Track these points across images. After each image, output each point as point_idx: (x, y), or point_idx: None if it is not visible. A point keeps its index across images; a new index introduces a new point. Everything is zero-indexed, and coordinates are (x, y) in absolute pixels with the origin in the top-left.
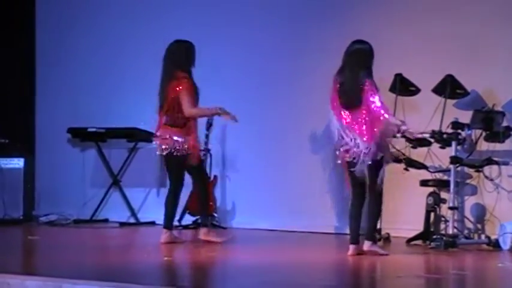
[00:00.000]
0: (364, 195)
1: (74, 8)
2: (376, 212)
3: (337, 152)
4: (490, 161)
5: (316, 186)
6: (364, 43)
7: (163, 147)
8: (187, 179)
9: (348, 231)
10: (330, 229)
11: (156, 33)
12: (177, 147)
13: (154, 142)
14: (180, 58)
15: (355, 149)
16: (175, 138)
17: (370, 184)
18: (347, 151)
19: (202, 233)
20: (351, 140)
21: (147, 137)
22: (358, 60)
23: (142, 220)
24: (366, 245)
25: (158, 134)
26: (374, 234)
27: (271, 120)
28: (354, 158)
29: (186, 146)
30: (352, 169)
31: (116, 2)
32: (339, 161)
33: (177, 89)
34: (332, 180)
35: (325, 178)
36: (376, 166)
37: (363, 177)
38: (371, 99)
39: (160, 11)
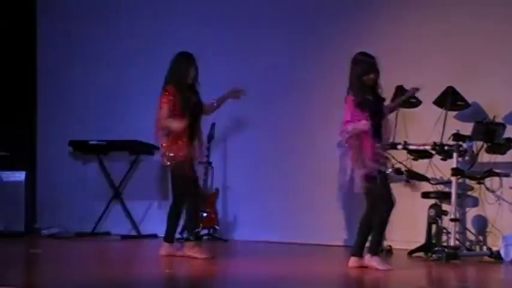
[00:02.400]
0: (370, 207)
1: (76, 20)
2: (377, 225)
3: None
4: (491, 173)
5: (319, 199)
6: (357, 54)
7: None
8: None
9: (351, 243)
10: (333, 241)
11: (159, 46)
12: (164, 157)
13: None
14: (167, 71)
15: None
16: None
17: (374, 197)
18: None
19: (187, 248)
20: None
21: (149, 149)
22: (349, 74)
23: (144, 233)
24: (366, 258)
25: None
26: (374, 247)
27: (274, 131)
28: None
29: (170, 155)
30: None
31: (118, 15)
32: None
33: (159, 102)
34: (336, 193)
35: (328, 190)
36: (373, 179)
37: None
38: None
39: (164, 23)
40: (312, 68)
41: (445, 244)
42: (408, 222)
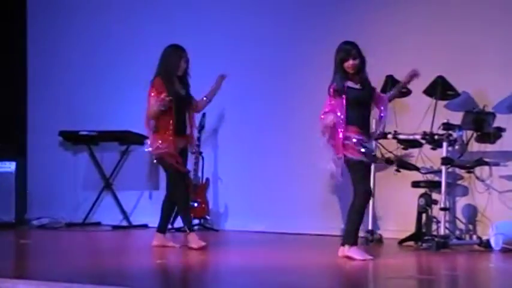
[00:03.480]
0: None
1: (67, 10)
2: (352, 215)
3: None
4: (481, 162)
5: (310, 189)
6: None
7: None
8: None
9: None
10: (325, 231)
11: (150, 36)
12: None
13: None
14: (158, 64)
15: None
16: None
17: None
18: None
19: (185, 238)
20: None
21: (140, 139)
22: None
23: (134, 223)
24: (340, 249)
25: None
26: (349, 238)
27: (264, 121)
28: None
29: (154, 148)
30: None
31: (110, 5)
32: None
33: (147, 94)
34: (328, 183)
35: (320, 180)
36: (349, 168)
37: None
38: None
39: (156, 14)
40: (300, 60)
41: (435, 233)
42: (398, 212)
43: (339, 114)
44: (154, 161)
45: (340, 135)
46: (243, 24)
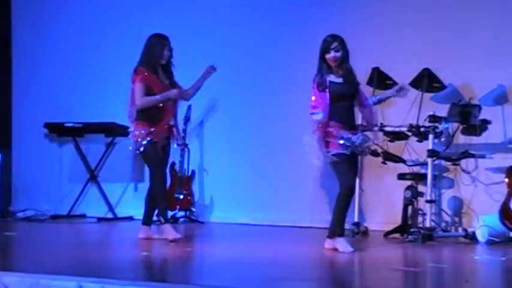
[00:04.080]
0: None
1: (52, 2)
2: (336, 208)
3: None
4: (467, 154)
5: (297, 181)
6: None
7: None
8: None
9: (327, 225)
10: (310, 223)
11: (135, 28)
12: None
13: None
14: (141, 53)
15: None
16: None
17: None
18: None
19: (159, 231)
20: None
21: (125, 131)
22: None
23: (120, 215)
24: (326, 242)
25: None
26: (334, 230)
27: (250, 113)
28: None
29: (134, 135)
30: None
31: None
32: None
33: (132, 83)
34: (315, 175)
35: (304, 172)
36: (332, 162)
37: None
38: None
39: (140, 5)
40: (288, 52)
41: (420, 225)
42: (384, 204)
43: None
44: (139, 150)
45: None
46: (231, 15)
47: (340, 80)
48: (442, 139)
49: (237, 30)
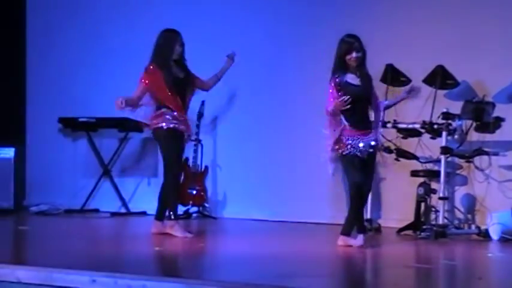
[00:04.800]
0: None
1: None
2: (351, 207)
3: None
4: (480, 152)
5: (309, 176)
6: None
7: None
8: None
9: (342, 221)
10: (323, 219)
11: (149, 23)
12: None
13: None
14: (152, 49)
15: None
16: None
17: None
18: None
19: (168, 226)
20: None
21: (138, 126)
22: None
23: (133, 210)
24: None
25: None
26: (345, 228)
27: (264, 108)
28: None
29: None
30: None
31: None
32: None
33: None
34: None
35: (319, 168)
36: (340, 162)
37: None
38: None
39: (154, 2)
40: (301, 49)
41: (433, 222)
42: (397, 201)
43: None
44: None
45: (337, 134)
46: (244, 15)
47: (357, 82)
48: (456, 136)
49: (252, 30)
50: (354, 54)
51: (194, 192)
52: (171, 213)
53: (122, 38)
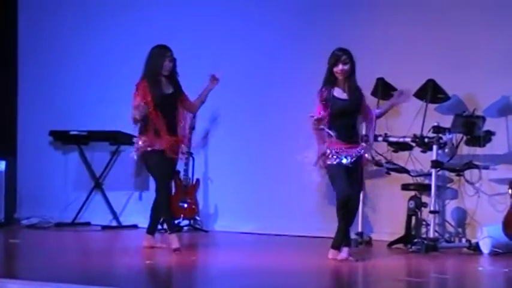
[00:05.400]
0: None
1: (58, 10)
2: (338, 219)
3: None
4: (470, 165)
5: (300, 190)
6: None
7: None
8: None
9: (332, 234)
10: (314, 232)
11: (141, 36)
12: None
13: None
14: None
15: None
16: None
17: None
18: None
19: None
20: None
21: (130, 140)
22: None
23: (124, 223)
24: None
25: None
26: (334, 241)
27: (255, 122)
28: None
29: (137, 146)
30: None
31: (102, 5)
32: None
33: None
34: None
35: (309, 182)
36: (327, 173)
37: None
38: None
39: (148, 13)
40: (293, 63)
41: (424, 236)
42: (388, 214)
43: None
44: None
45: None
46: (235, 25)
47: (344, 96)
48: (446, 150)
49: (242, 41)
50: (340, 67)
51: (185, 205)
52: (168, 228)
53: (114, 52)
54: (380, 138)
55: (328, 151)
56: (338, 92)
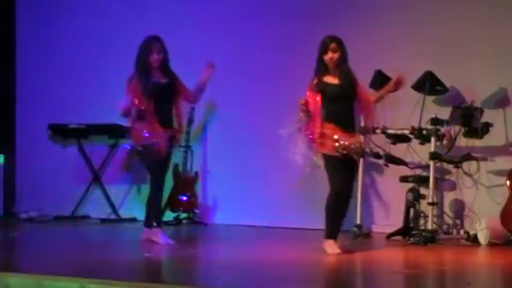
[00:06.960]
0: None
1: (56, 2)
2: (325, 210)
3: None
4: (468, 157)
5: (300, 182)
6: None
7: None
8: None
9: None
10: (313, 225)
11: (139, 29)
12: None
13: None
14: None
15: None
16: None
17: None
18: None
19: (153, 234)
20: None
21: (128, 133)
22: None
23: (123, 216)
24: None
25: None
26: (325, 232)
27: (254, 115)
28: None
29: (133, 137)
30: None
31: None
32: None
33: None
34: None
35: (308, 174)
36: (324, 163)
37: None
38: None
39: (145, 8)
40: (290, 54)
41: (422, 228)
42: (386, 206)
43: (313, 109)
44: (138, 148)
45: (317, 131)
46: (233, 19)
47: (336, 82)
48: (444, 142)
49: (239, 34)
50: (329, 54)
51: (184, 198)
52: (156, 222)
53: (112, 45)
54: (378, 131)
55: (329, 134)
56: (329, 79)
